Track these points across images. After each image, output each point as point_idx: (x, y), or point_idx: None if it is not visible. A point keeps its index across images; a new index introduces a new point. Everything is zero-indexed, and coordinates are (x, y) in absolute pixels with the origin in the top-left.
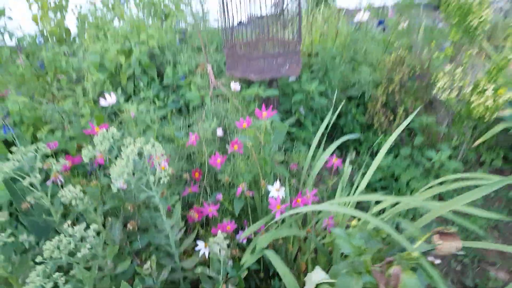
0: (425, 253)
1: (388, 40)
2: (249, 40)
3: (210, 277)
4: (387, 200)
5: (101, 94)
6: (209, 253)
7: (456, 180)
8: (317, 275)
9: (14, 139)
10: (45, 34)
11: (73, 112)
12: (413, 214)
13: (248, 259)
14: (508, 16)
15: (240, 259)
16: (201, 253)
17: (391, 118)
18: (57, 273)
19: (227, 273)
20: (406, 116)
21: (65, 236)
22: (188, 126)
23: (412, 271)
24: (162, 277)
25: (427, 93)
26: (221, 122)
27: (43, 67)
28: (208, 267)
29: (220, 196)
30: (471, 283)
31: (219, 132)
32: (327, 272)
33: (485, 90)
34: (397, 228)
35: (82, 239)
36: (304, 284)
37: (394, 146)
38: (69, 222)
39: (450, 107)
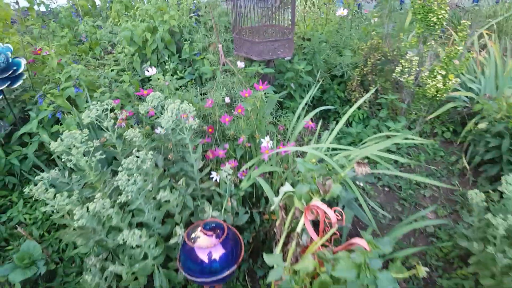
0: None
1: (368, 29)
2: (253, 27)
3: (219, 194)
4: (339, 149)
5: (130, 63)
6: (219, 180)
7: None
8: (286, 187)
9: (75, 98)
10: (73, 6)
11: (114, 78)
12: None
13: (244, 184)
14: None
15: (239, 184)
16: (214, 179)
17: (364, 94)
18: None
19: (231, 192)
20: (377, 94)
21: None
22: (202, 94)
23: (339, 184)
24: (188, 191)
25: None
26: (229, 92)
27: (87, 39)
28: (218, 187)
29: (226, 145)
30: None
31: (227, 99)
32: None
33: (438, 75)
34: (342, 167)
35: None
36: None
37: (366, 117)
38: (134, 151)
39: (409, 88)
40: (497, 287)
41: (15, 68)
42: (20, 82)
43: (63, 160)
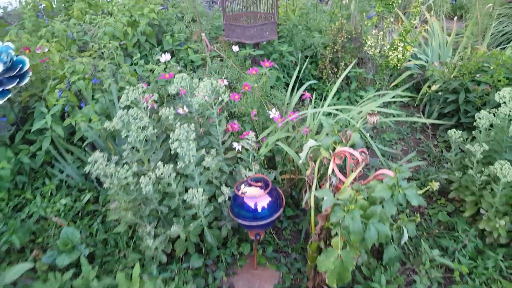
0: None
1: (333, 12)
2: (238, 13)
3: (242, 159)
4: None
5: (113, 59)
6: (240, 149)
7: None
8: (310, 142)
9: (80, 90)
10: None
11: (113, 71)
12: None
13: (264, 150)
14: None
15: (258, 151)
16: (236, 149)
17: (335, 70)
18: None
19: (254, 156)
20: (345, 69)
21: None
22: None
23: (357, 132)
24: (216, 160)
25: (359, 51)
26: (223, 76)
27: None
28: (241, 153)
29: (235, 121)
30: None
31: (225, 82)
32: None
33: (398, 47)
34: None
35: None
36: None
37: (337, 91)
38: (177, 124)
39: (375, 60)
40: (476, 201)
41: (20, 65)
42: (27, 80)
43: (123, 135)
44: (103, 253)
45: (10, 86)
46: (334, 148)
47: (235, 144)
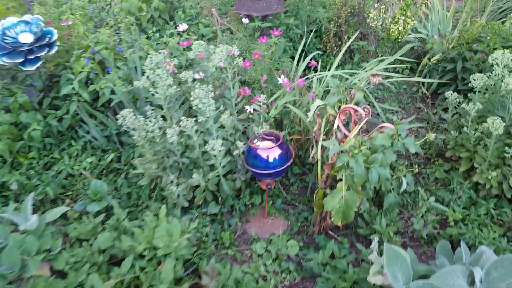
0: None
1: None
2: None
3: (253, 120)
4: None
5: (129, 33)
6: (251, 111)
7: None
8: (317, 102)
9: (103, 59)
10: None
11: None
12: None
13: (273, 112)
14: None
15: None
16: (248, 111)
17: (339, 44)
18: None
19: (264, 118)
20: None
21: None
22: None
23: (361, 91)
24: (231, 119)
25: (362, 25)
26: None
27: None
28: (252, 115)
29: (246, 88)
30: None
31: (236, 52)
32: None
33: (399, 20)
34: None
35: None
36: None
37: (340, 64)
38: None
39: (377, 33)
40: (471, 157)
41: (49, 36)
42: (55, 49)
43: (151, 92)
44: (127, 204)
45: (40, 54)
46: (340, 106)
47: (246, 107)
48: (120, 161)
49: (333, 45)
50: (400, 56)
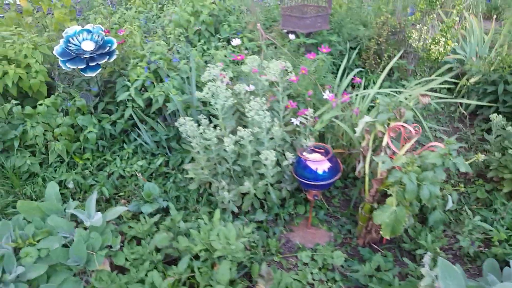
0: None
1: (378, 6)
2: (293, 6)
3: (300, 133)
4: (391, 92)
5: (178, 44)
6: (298, 123)
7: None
8: (366, 118)
9: (156, 68)
10: None
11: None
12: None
13: (319, 126)
14: None
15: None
16: (294, 123)
17: (378, 61)
18: None
19: (310, 130)
20: (389, 61)
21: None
22: None
23: (410, 110)
24: (281, 132)
25: (402, 44)
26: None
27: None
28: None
29: (291, 101)
30: None
31: (281, 66)
32: None
33: (439, 41)
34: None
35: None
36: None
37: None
38: (251, 97)
39: (417, 53)
40: None
41: (109, 45)
42: (115, 57)
43: (212, 102)
44: (176, 207)
45: (101, 62)
46: (389, 124)
47: (293, 120)
48: (168, 165)
49: (372, 62)
50: (438, 76)
